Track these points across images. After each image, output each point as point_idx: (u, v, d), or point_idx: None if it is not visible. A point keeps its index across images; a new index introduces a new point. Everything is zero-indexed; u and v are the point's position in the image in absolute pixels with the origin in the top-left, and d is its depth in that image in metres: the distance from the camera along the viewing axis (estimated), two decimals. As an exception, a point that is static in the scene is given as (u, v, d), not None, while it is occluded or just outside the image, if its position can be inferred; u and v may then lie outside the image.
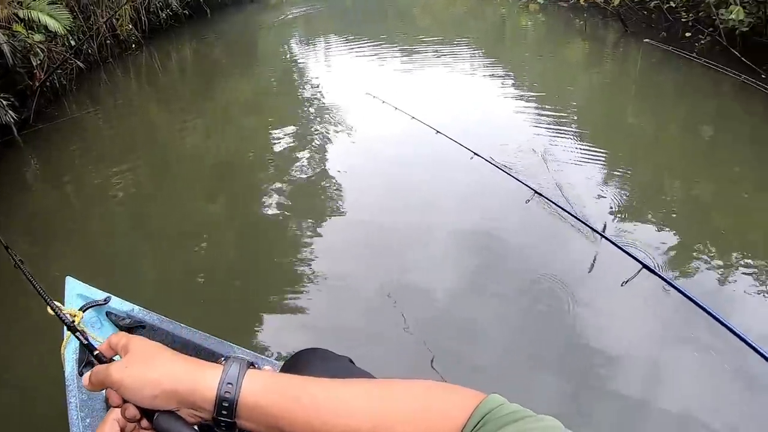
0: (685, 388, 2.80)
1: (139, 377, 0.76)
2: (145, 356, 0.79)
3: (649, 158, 5.50)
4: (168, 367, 0.78)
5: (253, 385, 0.75)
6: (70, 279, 2.43)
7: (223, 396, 0.74)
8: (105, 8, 10.29)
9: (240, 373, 0.76)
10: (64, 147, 7.08)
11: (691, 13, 8.57)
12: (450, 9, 17.46)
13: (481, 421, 0.70)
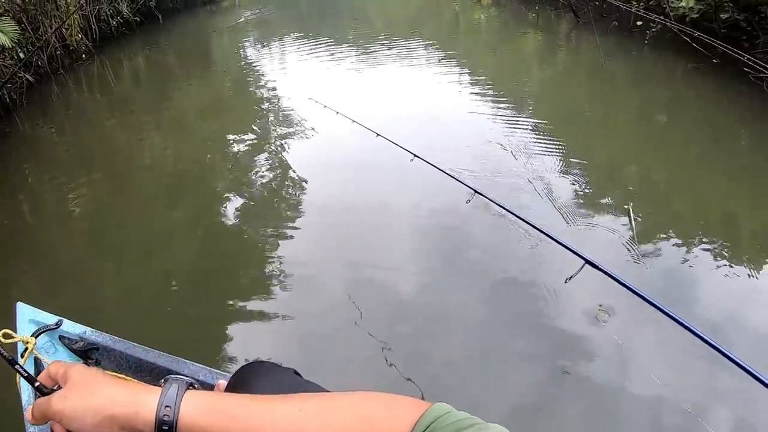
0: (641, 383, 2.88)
1: (79, 406, 0.77)
2: (84, 384, 0.80)
3: (603, 147, 5.62)
4: (108, 393, 0.78)
5: (190, 406, 0.76)
6: (21, 305, 2.35)
7: (162, 419, 0.74)
8: (53, 18, 10.04)
9: (178, 395, 0.77)
10: (16, 164, 6.86)
11: (642, 2, 8.76)
12: (404, 8, 17.51)
13: (427, 431, 0.70)
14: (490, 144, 5.67)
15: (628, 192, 4.68)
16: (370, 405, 0.79)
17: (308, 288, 3.81)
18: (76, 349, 2.35)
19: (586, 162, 5.15)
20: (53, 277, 4.43)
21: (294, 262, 4.08)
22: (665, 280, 3.63)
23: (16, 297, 3.75)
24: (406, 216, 4.48)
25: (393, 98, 7.54)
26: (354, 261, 3.99)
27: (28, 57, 8.87)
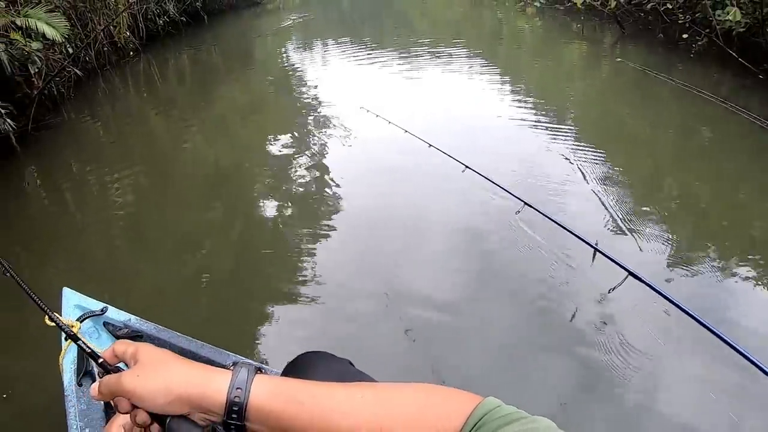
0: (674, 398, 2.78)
1: (151, 384, 0.78)
2: (155, 364, 0.82)
3: (645, 159, 5.48)
4: (179, 373, 0.80)
5: (260, 390, 0.78)
6: (66, 290, 2.43)
7: (233, 400, 0.77)
8: (102, 16, 10.29)
9: (249, 378, 0.79)
10: (63, 155, 7.08)
11: (688, 14, 8.55)
12: (447, 13, 17.48)
13: (479, 423, 0.72)
14: (536, 155, 5.56)
15: (670, 204, 4.56)
16: (429, 396, 0.81)
17: (342, 288, 3.77)
18: (120, 336, 2.41)
19: (628, 174, 5.03)
20: (93, 264, 4.51)
21: (330, 265, 4.02)
22: (709, 296, 3.51)
23: (58, 281, 3.86)
24: (455, 226, 4.40)
25: (439, 106, 7.42)
26: (392, 269, 3.91)
27: (76, 52, 9.11)
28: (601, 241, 3.83)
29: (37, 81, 7.43)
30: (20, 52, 6.86)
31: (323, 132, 6.91)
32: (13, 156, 6.63)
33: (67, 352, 2.21)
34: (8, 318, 3.74)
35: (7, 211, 5.50)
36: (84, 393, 2.17)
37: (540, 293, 3.49)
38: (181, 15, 14.38)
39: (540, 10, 13.54)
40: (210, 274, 4.13)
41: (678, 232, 4.11)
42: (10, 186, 6.13)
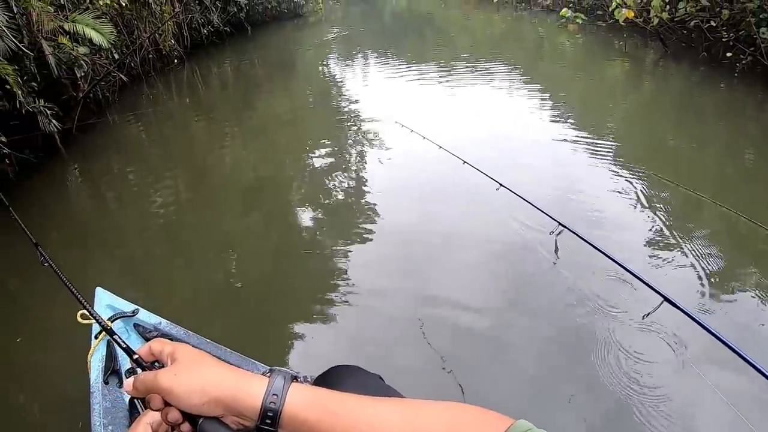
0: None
1: (188, 385, 0.79)
2: (193, 364, 0.83)
3: (687, 180, 5.28)
4: (216, 375, 0.81)
5: (296, 398, 0.79)
6: (100, 290, 2.50)
7: (268, 406, 0.77)
8: (148, 24, 10.58)
9: (285, 386, 0.80)
10: (105, 157, 7.30)
11: (732, 32, 8.38)
12: (488, 29, 17.45)
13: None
14: (574, 173, 5.38)
15: (712, 227, 4.38)
16: (460, 414, 0.81)
17: (373, 303, 3.71)
18: (149, 339, 2.44)
19: (669, 195, 4.86)
20: (128, 264, 4.61)
21: (362, 278, 3.97)
22: (751, 327, 3.37)
23: (92, 279, 3.96)
24: (488, 244, 4.32)
25: (476, 121, 7.29)
26: (423, 286, 3.82)
27: (122, 58, 9.39)
28: (637, 263, 3.75)
29: (83, 84, 7.67)
30: (67, 56, 7.10)
31: (360, 144, 6.91)
32: (57, 155, 6.86)
33: (96, 350, 2.28)
34: (40, 313, 3.85)
35: (49, 209, 5.67)
36: (110, 391, 2.21)
37: (572, 315, 3.39)
38: (225, 25, 14.72)
39: (582, 26, 13.42)
40: (242, 282, 4.14)
41: (720, 257, 3.95)
42: (53, 184, 6.34)
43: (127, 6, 9.67)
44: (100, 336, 2.29)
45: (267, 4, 17.87)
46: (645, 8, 9.70)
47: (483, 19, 18.91)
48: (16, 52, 5.78)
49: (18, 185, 5.86)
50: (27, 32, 6.25)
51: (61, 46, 6.96)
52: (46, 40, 6.53)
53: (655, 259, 3.90)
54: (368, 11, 24.61)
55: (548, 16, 16.54)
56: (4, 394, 3.17)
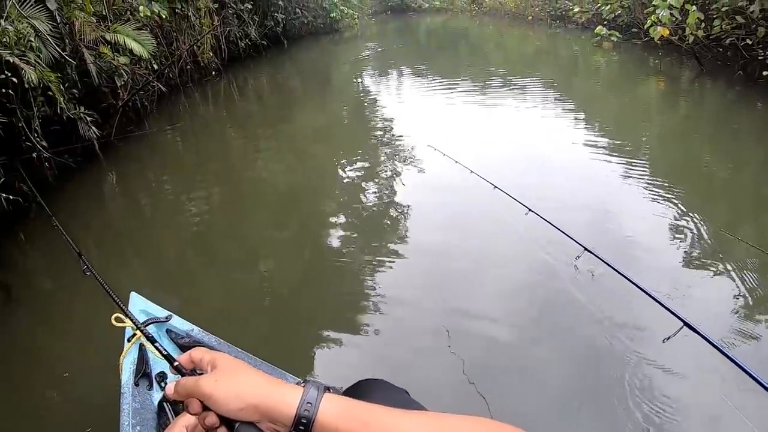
0: None
1: (228, 391, 0.84)
2: (233, 372, 0.87)
3: (722, 204, 5.11)
4: (254, 383, 0.85)
5: (328, 407, 0.82)
6: (134, 294, 2.56)
7: (302, 414, 0.81)
8: (187, 36, 10.84)
9: (318, 396, 0.83)
10: (142, 164, 7.50)
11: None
12: (522, 46, 17.44)
13: None
14: (605, 196, 5.20)
15: (746, 254, 4.26)
16: (486, 430, 0.82)
17: (400, 319, 3.71)
18: (181, 344, 2.52)
19: (702, 219, 4.74)
20: (161, 270, 4.69)
21: (389, 294, 3.93)
22: None
23: (127, 283, 4.06)
24: (515, 265, 4.28)
25: (508, 142, 7.21)
26: (450, 305, 3.78)
27: (161, 69, 9.62)
28: (666, 287, 3.65)
29: (122, 93, 7.91)
30: (108, 65, 7.33)
31: (392, 163, 6.84)
32: (96, 162, 7.06)
33: (128, 352, 2.34)
34: (75, 315, 3.98)
35: (86, 214, 5.85)
36: (139, 393, 2.27)
37: (595, 336, 3.34)
38: (262, 39, 15.01)
39: (617, 44, 13.31)
40: (273, 291, 4.20)
41: (753, 286, 3.86)
42: (90, 189, 6.55)
43: (167, 18, 9.94)
44: (132, 339, 2.36)
45: (303, 19, 18.18)
46: (680, 26, 9.59)
47: (517, 36, 18.94)
48: (59, 60, 5.99)
49: (57, 188, 6.05)
50: (69, 41, 6.49)
51: (102, 56, 7.19)
52: (88, 49, 6.76)
53: (684, 282, 3.82)
54: (403, 27, 24.85)
55: (583, 33, 16.46)
56: (40, 391, 3.26)
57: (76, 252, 2.39)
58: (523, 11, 21.81)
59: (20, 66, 4.95)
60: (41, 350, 3.68)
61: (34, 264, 4.92)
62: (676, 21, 9.28)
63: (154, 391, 2.34)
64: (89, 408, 3.04)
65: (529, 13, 20.82)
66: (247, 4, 14.04)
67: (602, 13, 14.33)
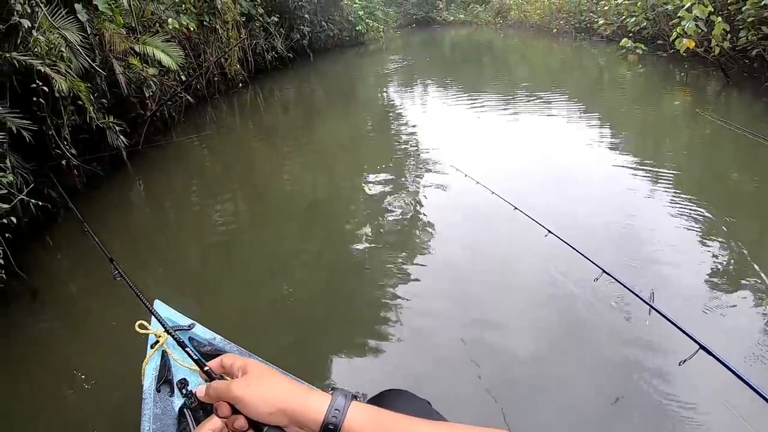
0: None
1: (259, 395, 0.88)
2: (264, 377, 0.91)
3: (751, 222, 4.95)
4: (284, 389, 0.89)
5: (355, 415, 0.86)
6: (158, 302, 2.63)
7: (330, 420, 0.85)
8: (215, 48, 11.02)
9: (346, 403, 0.87)
10: (169, 173, 7.65)
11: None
12: (547, 58, 17.38)
13: None
14: (627, 218, 5.00)
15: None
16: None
17: (421, 333, 3.70)
18: (204, 353, 2.56)
19: (726, 239, 4.63)
20: (185, 278, 4.76)
21: (409, 310, 3.94)
22: None
23: (151, 291, 4.13)
24: (534, 284, 4.24)
25: (532, 160, 7.05)
26: (469, 323, 3.76)
27: (189, 80, 9.77)
28: (687, 308, 3.61)
29: (150, 104, 8.06)
30: (137, 76, 7.49)
31: (414, 178, 6.77)
32: (124, 170, 7.21)
33: (151, 359, 2.40)
34: (99, 320, 4.05)
35: (113, 220, 5.98)
36: (161, 399, 2.32)
37: (614, 356, 3.32)
38: (288, 51, 15.19)
39: (642, 56, 13.19)
40: (295, 302, 4.20)
41: None
42: (118, 197, 6.69)
43: (195, 30, 10.11)
44: (156, 346, 2.41)
45: (329, 31, 18.38)
46: (706, 37, 9.50)
47: (542, 49, 18.90)
48: (89, 70, 6.14)
49: (85, 195, 6.19)
50: (99, 52, 6.66)
51: (131, 67, 7.35)
52: (117, 60, 6.91)
53: (704, 305, 3.76)
54: (427, 40, 24.95)
55: (608, 46, 16.35)
56: (62, 394, 3.34)
57: (107, 257, 2.45)
58: (548, 24, 21.78)
59: (51, 75, 5.09)
60: (64, 353, 3.77)
61: (60, 269, 5.05)
62: (701, 32, 9.20)
63: (175, 398, 2.39)
64: (110, 412, 3.10)
65: (554, 26, 20.79)
66: (273, 17, 14.27)
67: (627, 25, 14.25)
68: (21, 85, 5.13)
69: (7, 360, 3.72)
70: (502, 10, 29.28)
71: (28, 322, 4.13)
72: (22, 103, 5.12)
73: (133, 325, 2.34)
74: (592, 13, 18.04)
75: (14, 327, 4.02)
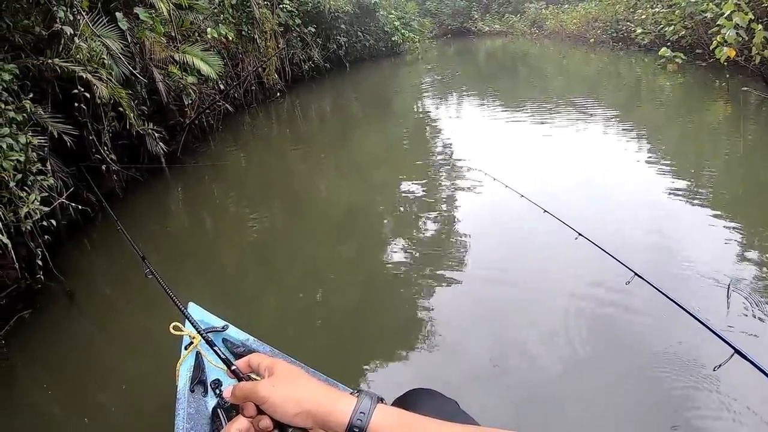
0: None
1: (284, 396, 0.86)
2: (290, 378, 0.90)
3: None
4: (310, 390, 0.88)
5: (380, 417, 0.84)
6: (192, 305, 2.63)
7: (355, 423, 0.83)
8: (253, 57, 11.13)
9: (371, 406, 0.85)
10: (206, 180, 7.72)
11: None
12: (584, 68, 17.12)
13: None
14: (661, 224, 4.90)
15: None
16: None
17: (451, 340, 3.66)
18: (237, 353, 2.57)
19: (762, 251, 4.47)
20: (220, 282, 4.78)
21: (442, 317, 3.92)
22: None
23: (186, 294, 4.14)
24: (565, 288, 4.17)
25: (562, 167, 6.95)
26: (501, 327, 3.72)
27: (228, 89, 9.86)
28: (718, 314, 3.49)
29: (189, 111, 8.17)
30: (176, 84, 7.58)
31: (448, 187, 6.75)
32: (162, 176, 7.31)
33: (185, 360, 2.40)
34: (134, 321, 4.11)
35: (150, 224, 6.09)
36: (195, 399, 2.32)
37: (645, 363, 3.25)
38: (325, 61, 15.29)
39: (681, 65, 12.79)
40: (328, 306, 4.22)
41: None
42: (155, 202, 6.78)
43: (234, 40, 10.23)
44: (190, 347, 2.41)
45: (365, 42, 18.47)
46: (746, 46, 9.24)
47: (579, 59, 18.62)
48: (129, 78, 6.24)
49: (123, 200, 6.29)
50: (140, 60, 6.77)
51: (171, 75, 7.45)
52: (157, 68, 7.01)
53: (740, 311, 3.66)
54: (463, 50, 24.87)
55: (646, 55, 16.01)
56: (98, 394, 3.37)
57: (139, 255, 2.46)
58: (585, 33, 21.47)
59: (92, 82, 5.18)
60: (100, 354, 3.82)
61: (97, 271, 5.13)
62: (742, 41, 8.94)
63: (208, 398, 2.39)
64: (144, 412, 3.11)
65: (591, 36, 20.49)
66: (310, 28, 14.40)
67: (665, 34, 13.94)
68: (63, 91, 5.25)
69: (48, 359, 3.76)
70: (537, 19, 28.99)
71: (66, 323, 4.20)
72: (64, 109, 5.24)
73: (167, 326, 2.31)
74: (629, 23, 17.72)
75: (52, 327, 4.08)
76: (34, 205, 3.78)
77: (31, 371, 3.70)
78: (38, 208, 3.86)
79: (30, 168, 3.94)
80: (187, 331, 2.42)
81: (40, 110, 4.67)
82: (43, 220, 4.02)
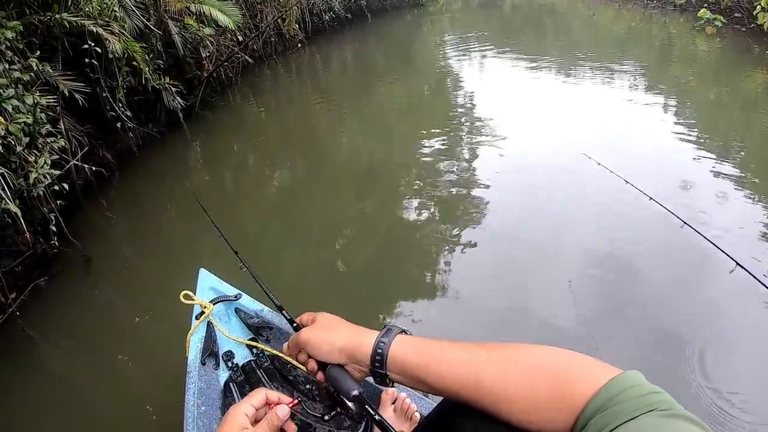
0: None
1: (318, 337, 1.04)
2: (325, 324, 1.08)
3: None
4: (343, 332, 1.04)
5: (399, 344, 0.97)
6: (203, 271, 2.52)
7: (377, 351, 0.97)
8: (272, 8, 10.81)
9: (392, 335, 0.98)
10: (225, 135, 7.55)
11: None
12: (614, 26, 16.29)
13: (617, 398, 0.71)
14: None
15: None
16: (555, 359, 0.85)
17: (472, 302, 3.58)
18: (250, 324, 2.44)
19: None
20: (237, 242, 4.57)
21: (465, 276, 3.85)
22: None
23: (199, 254, 4.04)
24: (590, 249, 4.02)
25: (590, 120, 6.78)
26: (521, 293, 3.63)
27: (246, 41, 9.60)
28: None
29: (207, 64, 7.94)
30: (193, 37, 7.34)
31: (471, 142, 6.52)
32: (180, 132, 7.16)
33: (195, 330, 2.28)
34: (152, 288, 4.02)
35: (170, 181, 5.99)
36: (206, 372, 2.22)
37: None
38: (346, 12, 14.86)
39: (720, 29, 11.98)
40: (348, 267, 4.15)
41: None
42: (174, 157, 6.66)
43: (252, -11, 9.92)
44: (201, 317, 2.30)
45: (388, -9, 17.93)
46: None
47: (610, 16, 17.79)
48: (143, 31, 6.03)
49: (140, 158, 6.15)
50: (154, 12, 6.52)
51: (187, 27, 7.21)
52: (173, 20, 6.77)
53: None
54: (488, 2, 24.10)
55: (681, 15, 15.22)
56: (117, 361, 3.26)
57: (232, 250, 2.31)
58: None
59: (104, 36, 4.97)
60: (118, 321, 3.72)
61: (114, 232, 5.04)
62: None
63: (220, 371, 2.28)
64: (157, 383, 3.03)
65: (623, -9, 19.70)
66: (332, -24, 13.92)
67: (704, -6, 13.17)
68: (73, 47, 5.04)
69: (66, 326, 3.71)
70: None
71: (83, 288, 4.12)
72: (76, 66, 5.04)
73: (188, 287, 2.30)
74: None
75: (69, 293, 4.00)
76: (44, 169, 3.63)
77: (49, 338, 3.63)
78: (49, 172, 3.71)
79: (39, 130, 3.77)
80: (198, 300, 2.32)
81: (49, 68, 4.48)
82: (54, 185, 3.87)
